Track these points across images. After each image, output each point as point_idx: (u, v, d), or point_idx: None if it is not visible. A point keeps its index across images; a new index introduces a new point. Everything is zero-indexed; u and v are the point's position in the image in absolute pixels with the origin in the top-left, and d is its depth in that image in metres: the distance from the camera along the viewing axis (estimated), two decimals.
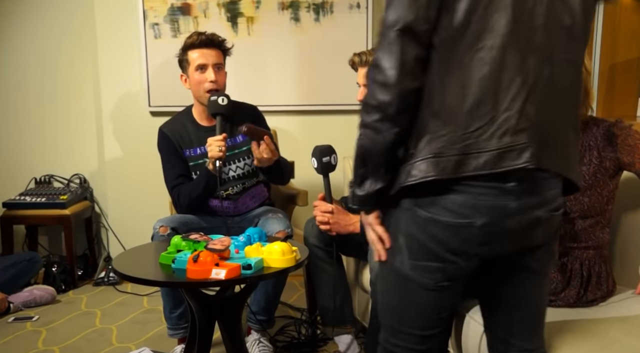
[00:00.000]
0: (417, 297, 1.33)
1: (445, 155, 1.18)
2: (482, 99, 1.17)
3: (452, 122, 1.18)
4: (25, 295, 3.18)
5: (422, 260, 1.28)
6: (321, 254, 2.34)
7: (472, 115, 1.17)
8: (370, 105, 1.23)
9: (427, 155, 1.19)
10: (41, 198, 3.55)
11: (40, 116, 3.85)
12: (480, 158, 1.17)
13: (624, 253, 2.00)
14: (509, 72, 1.17)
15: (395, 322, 1.39)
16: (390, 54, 1.17)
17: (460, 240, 1.24)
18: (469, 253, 1.27)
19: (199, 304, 1.94)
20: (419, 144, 1.21)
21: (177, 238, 1.97)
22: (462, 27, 1.16)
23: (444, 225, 1.23)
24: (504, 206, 1.22)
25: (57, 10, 3.75)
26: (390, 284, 1.38)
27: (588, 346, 1.53)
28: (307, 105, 3.61)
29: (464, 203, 1.21)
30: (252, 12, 3.54)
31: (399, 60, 1.17)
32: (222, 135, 2.30)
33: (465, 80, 1.17)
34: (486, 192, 1.20)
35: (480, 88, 1.17)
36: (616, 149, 1.78)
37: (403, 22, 1.16)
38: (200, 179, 2.44)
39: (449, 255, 1.26)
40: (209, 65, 2.46)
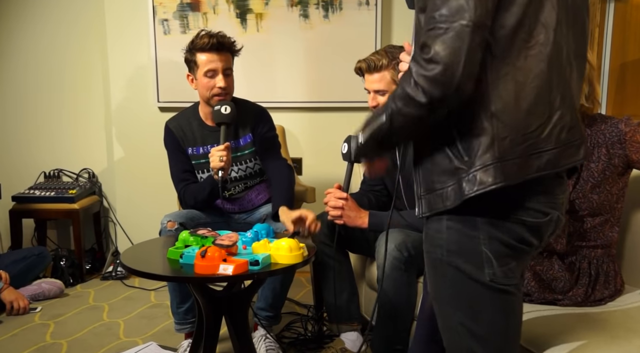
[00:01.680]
0: (517, 305, 1.29)
1: (509, 159, 1.13)
2: (539, 97, 1.14)
3: (512, 123, 1.13)
4: (34, 289, 3.20)
5: (512, 262, 1.23)
6: (328, 251, 2.34)
7: (531, 114, 1.14)
8: (415, 101, 1.11)
9: (490, 161, 1.13)
10: (50, 192, 3.57)
11: (50, 111, 3.87)
12: (542, 158, 1.15)
13: (633, 252, 1.99)
14: (557, 68, 1.16)
15: (505, 343, 1.28)
16: (454, 47, 1.05)
17: (539, 235, 1.24)
18: (539, 247, 1.29)
19: (206, 299, 1.94)
20: (478, 150, 1.14)
21: (185, 234, 1.97)
22: (517, 24, 1.11)
23: (529, 225, 1.21)
24: (562, 200, 1.26)
25: (66, 6, 3.76)
26: (483, 305, 1.24)
27: (595, 345, 1.52)
28: (315, 102, 3.61)
29: (543, 201, 1.20)
30: (261, 8, 3.54)
31: (465, 54, 1.05)
32: (225, 145, 2.30)
33: (522, 78, 1.13)
34: (555, 190, 1.23)
35: (537, 86, 1.14)
36: (625, 146, 1.77)
37: (473, 14, 1.05)
38: (205, 185, 2.46)
39: (529, 249, 1.25)
40: (219, 71, 2.43)
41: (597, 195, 1.79)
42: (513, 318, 1.29)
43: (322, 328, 2.64)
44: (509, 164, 1.13)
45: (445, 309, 1.30)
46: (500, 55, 1.12)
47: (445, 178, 1.19)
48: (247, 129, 2.57)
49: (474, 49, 1.06)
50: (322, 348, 2.48)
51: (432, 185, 1.22)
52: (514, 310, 1.29)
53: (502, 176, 1.13)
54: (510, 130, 1.13)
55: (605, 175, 1.78)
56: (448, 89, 1.07)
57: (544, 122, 1.15)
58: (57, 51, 3.82)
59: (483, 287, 1.22)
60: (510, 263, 1.23)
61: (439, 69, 1.06)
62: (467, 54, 1.05)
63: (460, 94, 1.09)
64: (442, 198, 1.20)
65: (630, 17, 3.31)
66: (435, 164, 1.21)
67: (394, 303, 2.02)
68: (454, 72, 1.06)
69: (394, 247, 1.99)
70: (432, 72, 1.07)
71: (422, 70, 1.08)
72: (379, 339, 2.13)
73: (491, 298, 1.23)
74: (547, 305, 1.82)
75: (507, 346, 1.29)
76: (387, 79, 2.08)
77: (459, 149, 1.17)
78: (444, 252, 1.24)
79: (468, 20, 1.05)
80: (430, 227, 1.27)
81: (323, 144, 3.62)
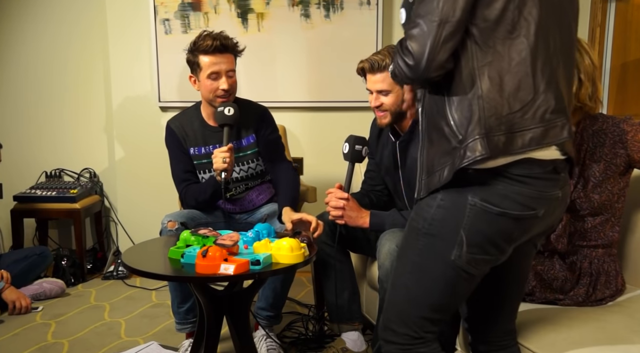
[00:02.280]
0: (460, 286, 1.40)
1: (494, 134, 1.25)
2: (522, 82, 1.27)
3: (497, 104, 1.26)
4: (35, 288, 3.21)
5: (481, 254, 1.35)
6: (329, 251, 2.34)
7: (514, 96, 1.27)
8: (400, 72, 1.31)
9: (477, 135, 1.26)
10: (51, 192, 3.58)
11: (51, 110, 3.88)
12: (526, 136, 1.27)
13: (634, 252, 1.99)
14: (543, 57, 1.30)
15: (422, 307, 1.41)
16: (422, 40, 1.25)
17: (522, 230, 1.36)
18: (521, 240, 1.38)
19: (207, 299, 1.94)
20: (468, 128, 1.27)
21: (186, 233, 1.98)
22: (499, 17, 1.26)
23: (513, 217, 1.31)
24: (555, 197, 1.35)
25: (67, 6, 3.77)
26: (431, 273, 1.38)
27: (596, 345, 1.52)
28: (316, 102, 3.61)
29: (530, 195, 1.30)
30: (262, 8, 3.54)
31: (430, 47, 1.24)
32: (228, 146, 2.30)
33: (505, 65, 1.27)
34: (546, 184, 1.32)
35: (520, 71, 1.27)
36: (626, 146, 1.77)
37: (440, 12, 1.23)
38: (207, 187, 2.46)
39: (507, 245, 1.36)
40: (222, 73, 2.43)
41: (598, 194, 1.79)
42: (450, 294, 1.40)
43: (323, 328, 2.64)
44: (495, 139, 1.26)
45: (400, 268, 1.46)
46: (485, 44, 1.27)
47: (445, 159, 1.31)
48: (249, 130, 2.57)
49: (439, 42, 1.24)
50: (323, 348, 2.48)
51: (432, 168, 1.34)
52: (456, 288, 1.39)
53: (487, 149, 1.25)
54: (495, 110, 1.26)
55: (606, 174, 1.78)
56: (416, 74, 1.27)
57: (528, 103, 1.28)
58: (59, 51, 3.82)
59: (443, 262, 1.36)
60: (477, 255, 1.34)
61: (410, 59, 1.26)
62: (432, 46, 1.24)
63: (427, 78, 1.28)
64: (438, 177, 1.32)
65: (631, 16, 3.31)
66: (437, 147, 1.34)
67: None
68: (419, 61, 1.25)
69: (395, 247, 1.99)
70: (405, 59, 1.28)
71: (401, 56, 1.29)
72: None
73: (444, 271, 1.37)
74: (548, 305, 1.82)
75: (430, 314, 1.42)
76: (390, 79, 2.08)
77: (453, 130, 1.30)
78: (426, 225, 1.37)
79: (436, 17, 1.23)
80: (423, 201, 1.39)
81: (324, 143, 3.62)
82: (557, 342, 1.55)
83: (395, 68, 1.33)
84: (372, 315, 2.46)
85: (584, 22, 3.50)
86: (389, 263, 1.99)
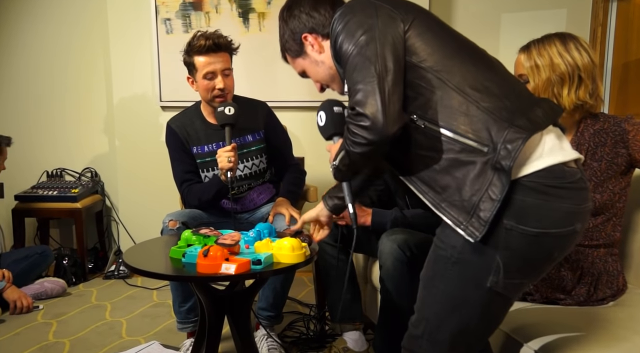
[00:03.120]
0: (498, 311, 1.35)
1: (516, 122, 1.24)
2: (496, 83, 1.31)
3: (496, 103, 1.27)
4: (36, 288, 3.21)
5: (520, 278, 1.30)
6: (330, 250, 2.34)
7: (504, 93, 1.29)
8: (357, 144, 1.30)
9: (504, 130, 1.23)
10: (53, 191, 3.58)
11: (52, 110, 3.88)
12: (537, 111, 1.28)
13: (636, 251, 1.98)
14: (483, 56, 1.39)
15: (456, 337, 1.36)
16: (370, 100, 1.25)
17: (562, 248, 1.30)
18: (560, 259, 1.34)
19: (208, 299, 1.94)
20: (491, 133, 1.24)
21: (187, 233, 1.97)
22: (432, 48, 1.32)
23: (553, 236, 1.25)
24: (588, 209, 1.31)
25: (68, 6, 3.77)
26: (465, 303, 1.32)
27: (597, 345, 1.52)
28: (317, 102, 3.57)
29: (567, 209, 1.25)
30: (263, 7, 3.54)
31: (381, 103, 1.25)
32: (232, 145, 2.30)
33: (476, 74, 1.31)
34: (580, 196, 1.27)
35: (490, 77, 1.31)
36: (628, 145, 1.77)
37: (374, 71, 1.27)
38: (211, 186, 2.46)
39: (548, 266, 1.33)
40: (217, 72, 2.44)
41: (600, 194, 1.79)
42: (487, 321, 1.36)
43: (325, 328, 2.64)
44: (520, 123, 1.24)
45: (428, 298, 1.38)
46: (445, 67, 1.30)
47: (481, 179, 1.24)
48: (256, 126, 2.58)
49: (386, 94, 1.25)
50: (324, 347, 2.48)
51: (472, 200, 1.25)
52: (492, 314, 1.35)
53: (522, 131, 1.22)
54: (499, 106, 1.27)
55: (607, 174, 1.78)
56: (378, 133, 1.25)
57: (514, 92, 1.31)
58: (60, 50, 3.83)
59: (478, 290, 1.29)
60: (516, 280, 1.28)
61: (366, 120, 1.25)
62: (382, 100, 1.24)
63: (388, 133, 1.25)
64: (490, 198, 1.23)
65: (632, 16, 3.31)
66: (460, 179, 1.27)
67: (397, 302, 2.02)
68: (376, 118, 1.24)
69: (397, 247, 1.99)
70: (360, 123, 1.26)
71: (354, 124, 1.27)
72: (381, 338, 2.13)
73: (479, 299, 1.30)
74: (550, 305, 1.81)
75: (465, 342, 1.37)
76: None
77: (474, 148, 1.25)
78: (455, 253, 1.30)
79: (372, 76, 1.26)
80: (449, 227, 1.31)
81: (325, 143, 3.60)
82: (558, 341, 1.54)
83: (350, 145, 1.30)
84: (373, 315, 2.46)
85: (586, 22, 3.50)
86: (390, 263, 1.99)
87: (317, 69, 1.64)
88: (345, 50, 1.32)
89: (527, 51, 1.83)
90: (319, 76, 1.66)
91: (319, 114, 1.73)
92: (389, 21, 1.32)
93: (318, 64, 1.62)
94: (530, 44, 1.84)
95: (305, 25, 1.57)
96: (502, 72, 1.36)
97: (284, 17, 1.63)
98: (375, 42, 1.29)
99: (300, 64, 1.68)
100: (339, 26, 1.35)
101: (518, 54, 1.86)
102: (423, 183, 1.35)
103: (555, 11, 3.55)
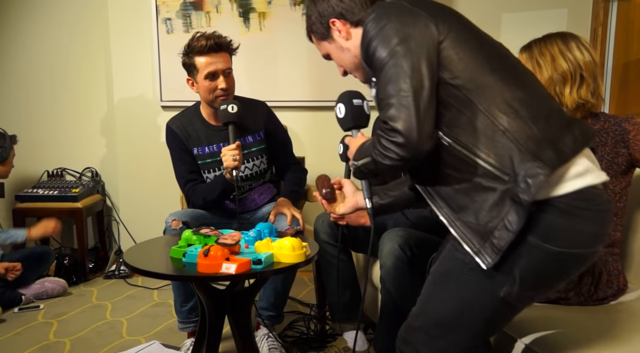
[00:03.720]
0: (504, 318, 1.37)
1: (542, 154, 1.22)
2: (527, 99, 1.28)
3: (523, 130, 1.25)
4: (37, 287, 3.21)
5: (532, 292, 1.31)
6: (331, 250, 2.34)
7: (533, 116, 1.26)
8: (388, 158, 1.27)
9: (527, 163, 1.22)
10: (53, 191, 3.58)
11: (53, 110, 3.88)
12: (567, 139, 1.25)
13: (636, 251, 1.98)
14: (519, 71, 1.36)
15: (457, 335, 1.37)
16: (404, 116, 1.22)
17: (579, 268, 1.31)
18: (573, 276, 1.37)
19: (209, 298, 1.95)
20: (513, 162, 1.23)
21: (188, 233, 1.98)
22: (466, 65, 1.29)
23: (574, 256, 1.26)
24: (609, 232, 1.32)
25: (69, 6, 3.77)
26: (474, 305, 1.33)
27: (598, 345, 1.52)
28: (318, 101, 3.61)
29: (593, 232, 1.25)
30: (264, 7, 3.54)
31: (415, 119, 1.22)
32: (236, 143, 2.30)
33: (506, 95, 1.28)
34: (606, 218, 1.27)
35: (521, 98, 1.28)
36: (628, 145, 1.77)
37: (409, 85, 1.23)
38: (216, 186, 2.45)
39: (562, 284, 1.36)
40: (219, 72, 2.43)
41: None
42: (491, 325, 1.38)
43: (325, 327, 2.65)
44: (544, 156, 1.21)
45: (435, 294, 1.40)
46: (476, 87, 1.27)
47: (499, 208, 1.24)
48: (256, 127, 2.58)
49: (421, 111, 1.22)
50: (324, 347, 2.48)
51: (485, 227, 1.26)
52: (499, 320, 1.37)
53: (545, 167, 1.20)
54: (527, 135, 1.24)
55: (608, 174, 1.77)
56: (411, 151, 1.23)
57: (547, 113, 1.27)
58: (60, 50, 3.82)
59: (490, 298, 1.30)
60: (528, 293, 1.29)
61: (399, 137, 1.22)
62: (417, 117, 1.22)
63: (422, 151, 1.24)
64: (505, 227, 1.23)
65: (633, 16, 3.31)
66: (478, 203, 1.27)
67: (397, 302, 2.02)
68: (410, 136, 1.21)
69: (397, 246, 1.99)
70: (393, 139, 1.23)
71: (387, 139, 1.24)
72: (382, 338, 2.13)
73: (489, 305, 1.31)
74: (550, 304, 1.81)
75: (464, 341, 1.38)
76: None
77: (496, 175, 1.25)
78: (474, 261, 1.28)
79: (407, 92, 1.23)
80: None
81: (326, 143, 3.62)
82: (558, 341, 1.54)
83: (379, 156, 1.28)
84: (374, 315, 2.46)
85: (586, 22, 3.50)
86: (390, 263, 1.99)
87: (342, 56, 1.58)
88: (379, 57, 1.29)
89: (528, 50, 1.83)
90: (344, 62, 1.60)
91: (338, 106, 1.68)
92: (425, 31, 1.29)
93: (343, 51, 1.56)
94: (531, 43, 1.84)
95: (334, 10, 1.52)
96: (534, 89, 1.33)
97: (313, 0, 1.58)
98: (412, 54, 1.25)
99: (325, 47, 1.62)
100: (373, 30, 1.31)
101: (519, 54, 1.86)
102: (440, 198, 1.35)
103: (556, 11, 3.55)
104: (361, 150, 1.39)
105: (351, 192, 1.78)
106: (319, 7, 1.55)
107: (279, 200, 2.51)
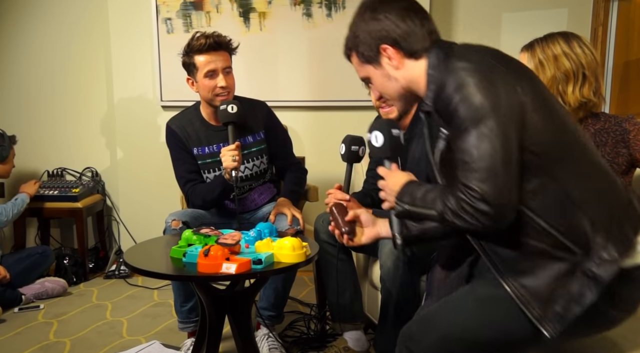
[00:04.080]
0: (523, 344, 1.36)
1: (614, 229, 1.23)
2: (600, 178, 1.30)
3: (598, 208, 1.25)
4: (37, 287, 3.21)
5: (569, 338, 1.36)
6: (331, 250, 2.34)
7: (604, 196, 1.27)
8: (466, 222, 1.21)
9: (603, 239, 1.21)
10: (54, 191, 3.58)
11: (53, 109, 3.88)
12: (631, 222, 1.26)
13: None
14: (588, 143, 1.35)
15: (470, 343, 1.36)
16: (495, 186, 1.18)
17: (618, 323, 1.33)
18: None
19: (209, 298, 1.95)
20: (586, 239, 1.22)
21: (188, 232, 1.98)
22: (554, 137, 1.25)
23: (630, 315, 1.30)
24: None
25: (69, 6, 3.77)
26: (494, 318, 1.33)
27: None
28: (318, 101, 3.60)
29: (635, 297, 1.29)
30: (264, 7, 3.54)
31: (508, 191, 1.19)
32: (235, 144, 2.30)
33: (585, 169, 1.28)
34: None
35: (596, 173, 1.30)
36: (629, 145, 1.77)
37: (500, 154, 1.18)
38: (215, 186, 2.45)
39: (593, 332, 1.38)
40: (218, 70, 2.44)
41: None
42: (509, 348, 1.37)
43: (325, 327, 2.64)
44: (618, 233, 1.22)
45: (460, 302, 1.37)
46: (554, 156, 1.24)
47: (567, 279, 1.23)
48: (256, 127, 2.58)
49: (510, 180, 1.17)
50: (325, 347, 2.48)
51: (553, 294, 1.24)
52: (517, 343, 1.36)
53: (620, 245, 1.21)
54: (600, 214, 1.24)
55: None
56: (496, 221, 1.18)
57: (615, 194, 1.29)
58: (60, 50, 3.82)
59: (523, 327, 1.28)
60: (570, 331, 1.26)
61: (484, 205, 1.16)
62: (507, 186, 1.17)
63: (506, 221, 1.20)
64: (574, 300, 1.22)
65: (633, 16, 3.31)
66: (544, 271, 1.25)
67: (397, 302, 2.02)
68: (498, 205, 1.16)
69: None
70: (477, 206, 1.17)
71: (470, 204, 1.18)
72: (382, 338, 2.13)
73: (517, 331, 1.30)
74: None
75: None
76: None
77: (568, 247, 1.23)
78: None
79: (497, 159, 1.16)
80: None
81: (326, 143, 3.62)
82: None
83: (452, 216, 1.21)
84: (374, 315, 2.46)
85: (587, 22, 3.50)
86: (390, 263, 1.99)
87: (387, 84, 1.44)
88: (464, 118, 1.20)
89: (530, 49, 1.83)
90: (387, 90, 1.46)
91: (374, 134, 1.56)
92: (511, 91, 1.22)
93: (390, 79, 1.42)
94: (533, 43, 1.84)
95: (389, 35, 1.38)
96: (596, 159, 1.32)
97: (364, 17, 1.43)
98: (503, 122, 1.18)
99: (368, 71, 1.47)
100: (453, 83, 1.22)
101: (520, 54, 1.86)
102: (497, 256, 1.32)
103: (556, 11, 3.55)
104: (423, 199, 1.31)
105: (370, 222, 1.67)
106: (370, 26, 1.41)
107: (279, 200, 2.51)
